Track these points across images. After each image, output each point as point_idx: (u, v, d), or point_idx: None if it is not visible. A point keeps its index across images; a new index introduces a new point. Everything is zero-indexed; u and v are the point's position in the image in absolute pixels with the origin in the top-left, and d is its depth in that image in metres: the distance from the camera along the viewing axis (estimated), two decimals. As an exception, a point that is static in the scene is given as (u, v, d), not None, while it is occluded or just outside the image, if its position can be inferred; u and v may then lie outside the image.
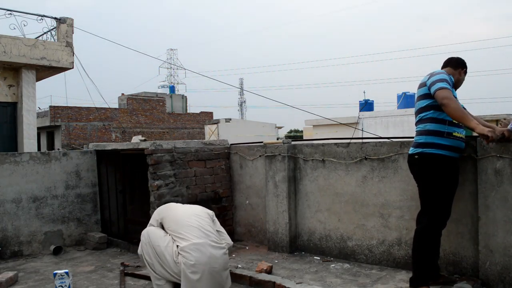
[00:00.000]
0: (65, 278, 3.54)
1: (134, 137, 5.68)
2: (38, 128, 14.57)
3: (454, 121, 3.12)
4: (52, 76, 11.15)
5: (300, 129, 43.62)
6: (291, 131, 50.62)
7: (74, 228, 5.27)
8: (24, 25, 9.56)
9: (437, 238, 3.20)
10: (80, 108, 25.47)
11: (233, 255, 4.45)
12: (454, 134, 3.13)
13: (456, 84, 3.35)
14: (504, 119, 3.32)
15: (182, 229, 3.37)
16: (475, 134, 3.03)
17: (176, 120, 30.46)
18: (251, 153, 5.01)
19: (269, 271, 3.74)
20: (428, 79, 3.20)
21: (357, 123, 19.29)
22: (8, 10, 9.42)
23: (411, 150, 3.25)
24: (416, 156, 3.19)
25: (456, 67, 3.36)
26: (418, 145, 3.19)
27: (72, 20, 10.22)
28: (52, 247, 4.88)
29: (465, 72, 3.41)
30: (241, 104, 60.50)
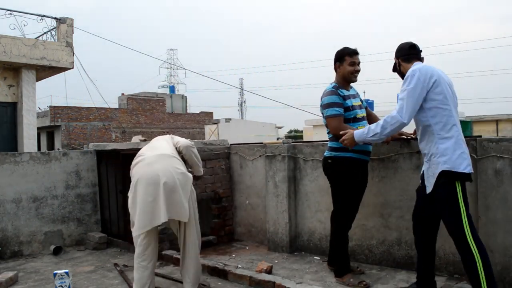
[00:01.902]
0: (65, 278, 3.55)
1: (134, 137, 5.69)
2: (38, 128, 14.57)
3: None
4: (52, 76, 11.15)
5: (300, 129, 43.60)
6: (291, 131, 50.59)
7: (74, 228, 5.27)
8: (24, 25, 9.57)
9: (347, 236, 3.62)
10: (80, 108, 25.47)
11: (233, 255, 4.45)
12: None
13: (345, 78, 3.55)
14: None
15: None
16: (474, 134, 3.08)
17: (176, 120, 30.46)
18: (251, 153, 5.01)
19: (269, 271, 3.74)
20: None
21: (357, 123, 19.25)
22: (8, 10, 9.42)
23: (326, 154, 3.63)
24: (329, 160, 3.56)
25: (335, 62, 3.59)
26: (331, 149, 3.57)
27: (72, 20, 10.22)
28: (52, 247, 4.88)
29: (350, 61, 3.53)
30: (241, 104, 60.50)
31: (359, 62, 3.58)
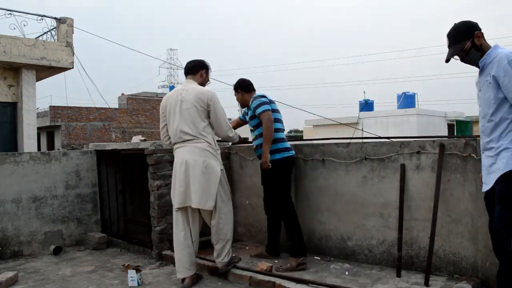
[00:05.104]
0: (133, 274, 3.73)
1: (134, 137, 5.68)
2: (38, 128, 14.56)
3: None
4: (52, 76, 11.16)
5: (300, 129, 43.57)
6: (291, 131, 50.55)
7: (74, 228, 5.27)
8: (24, 25, 9.58)
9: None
10: (80, 108, 25.45)
11: (233, 255, 4.45)
12: None
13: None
14: None
15: None
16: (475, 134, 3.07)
17: (176, 120, 30.36)
18: (251, 153, 5.00)
19: (269, 271, 3.74)
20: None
21: (357, 123, 19.31)
22: (8, 10, 9.43)
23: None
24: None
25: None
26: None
27: (72, 20, 10.23)
28: (52, 247, 4.88)
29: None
30: (241, 104, 60.33)
31: (237, 98, 4.56)
